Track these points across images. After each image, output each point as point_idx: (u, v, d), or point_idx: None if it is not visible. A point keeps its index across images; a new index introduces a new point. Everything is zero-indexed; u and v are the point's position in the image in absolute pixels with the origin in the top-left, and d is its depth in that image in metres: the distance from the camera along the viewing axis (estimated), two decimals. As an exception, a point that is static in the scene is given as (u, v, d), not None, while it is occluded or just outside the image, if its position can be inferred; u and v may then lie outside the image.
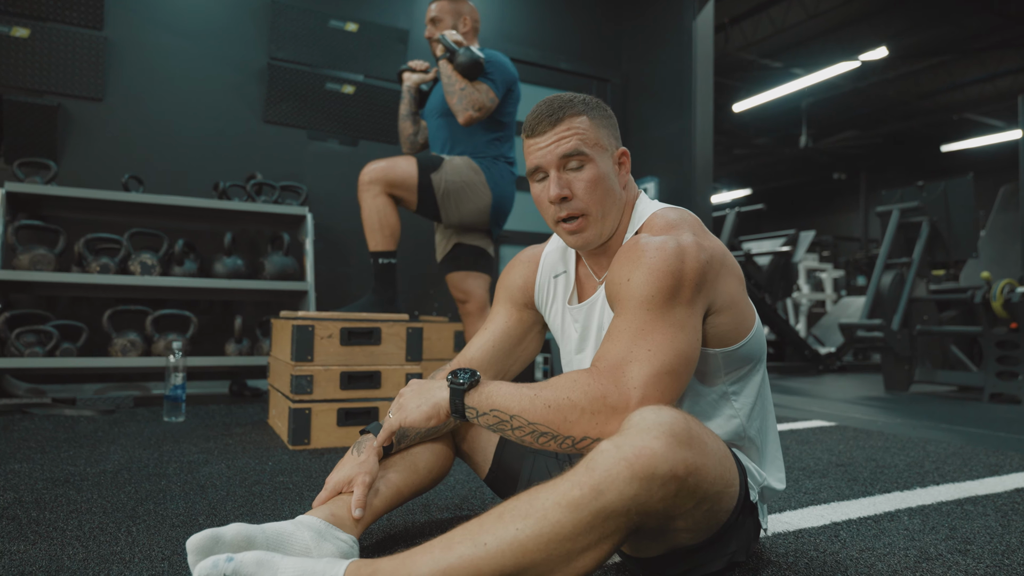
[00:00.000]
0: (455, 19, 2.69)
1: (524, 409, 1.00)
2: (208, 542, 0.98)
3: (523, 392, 1.01)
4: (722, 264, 1.09)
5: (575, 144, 1.11)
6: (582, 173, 1.13)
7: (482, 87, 2.53)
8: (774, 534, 1.40)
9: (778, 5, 9.40)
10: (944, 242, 4.51)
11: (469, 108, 2.50)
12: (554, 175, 1.13)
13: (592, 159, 1.13)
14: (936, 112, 13.28)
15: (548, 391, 1.00)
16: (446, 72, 2.54)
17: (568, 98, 1.15)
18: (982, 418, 3.29)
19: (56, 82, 3.32)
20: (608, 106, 1.20)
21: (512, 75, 2.65)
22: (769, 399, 1.23)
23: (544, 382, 1.03)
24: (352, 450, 1.20)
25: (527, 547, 0.86)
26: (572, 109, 1.13)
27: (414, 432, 1.26)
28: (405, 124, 2.90)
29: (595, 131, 1.14)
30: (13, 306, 3.13)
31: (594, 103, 1.17)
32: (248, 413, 2.85)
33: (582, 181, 1.12)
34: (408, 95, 2.87)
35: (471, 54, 2.48)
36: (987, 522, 1.50)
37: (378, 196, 2.51)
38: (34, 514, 1.39)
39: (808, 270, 10.05)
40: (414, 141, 2.91)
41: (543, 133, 1.13)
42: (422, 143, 2.93)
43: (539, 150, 1.14)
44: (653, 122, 4.84)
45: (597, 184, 1.13)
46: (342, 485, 1.15)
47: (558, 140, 1.12)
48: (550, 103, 1.14)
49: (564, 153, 1.12)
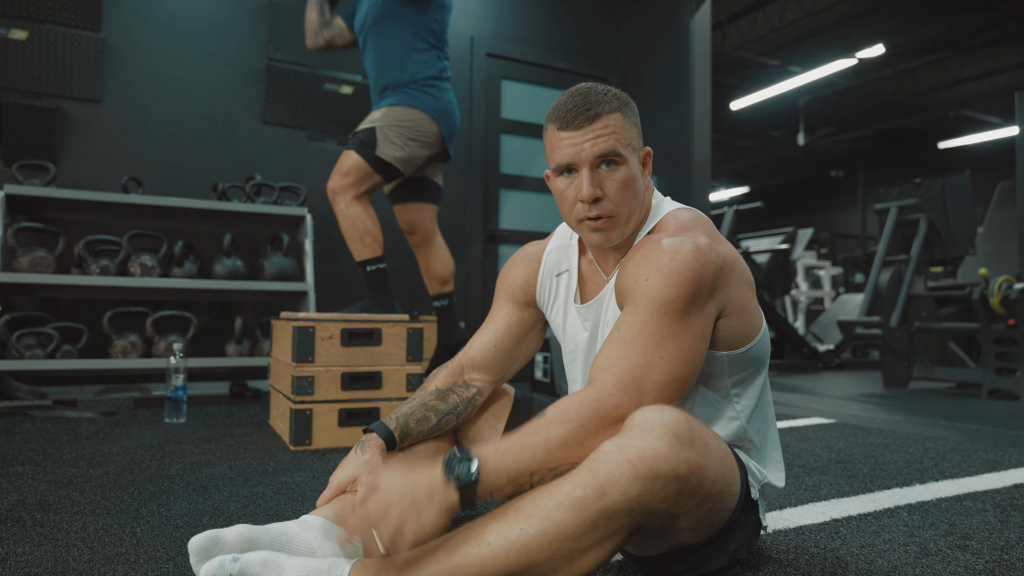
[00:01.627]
0: None
1: (542, 460, 0.92)
2: (210, 543, 0.98)
3: (530, 442, 0.93)
4: (733, 268, 1.09)
5: (612, 144, 1.07)
6: (615, 174, 1.09)
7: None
8: (775, 531, 1.40)
9: (775, 3, 9.42)
10: (942, 239, 4.52)
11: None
12: (587, 173, 1.08)
13: (626, 160, 1.09)
14: (933, 109, 13.31)
15: (556, 428, 0.94)
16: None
17: (603, 91, 1.10)
18: (980, 414, 3.30)
19: (55, 84, 3.32)
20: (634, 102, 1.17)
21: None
22: (770, 399, 1.24)
23: (546, 418, 0.95)
24: (356, 449, 1.21)
25: (531, 547, 0.87)
26: (609, 105, 1.09)
27: (417, 431, 1.27)
28: (312, 13, 2.77)
29: (628, 130, 1.10)
30: (13, 308, 3.13)
31: (626, 99, 1.13)
32: (249, 414, 2.85)
33: (615, 182, 1.09)
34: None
35: None
36: (986, 518, 1.51)
37: (350, 205, 2.48)
38: (38, 516, 1.39)
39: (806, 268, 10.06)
40: (318, 33, 2.78)
41: (579, 128, 1.08)
42: (325, 41, 2.79)
43: (573, 146, 1.08)
44: (651, 120, 4.84)
45: (628, 186, 1.09)
46: (346, 484, 1.15)
47: (595, 138, 1.07)
48: (585, 96, 1.09)
49: (601, 152, 1.07)
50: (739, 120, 13.77)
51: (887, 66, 11.13)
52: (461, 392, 1.31)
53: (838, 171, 17.58)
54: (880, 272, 4.55)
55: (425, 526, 0.88)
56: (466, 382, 1.33)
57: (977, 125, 13.84)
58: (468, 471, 0.90)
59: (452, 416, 1.30)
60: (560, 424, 0.94)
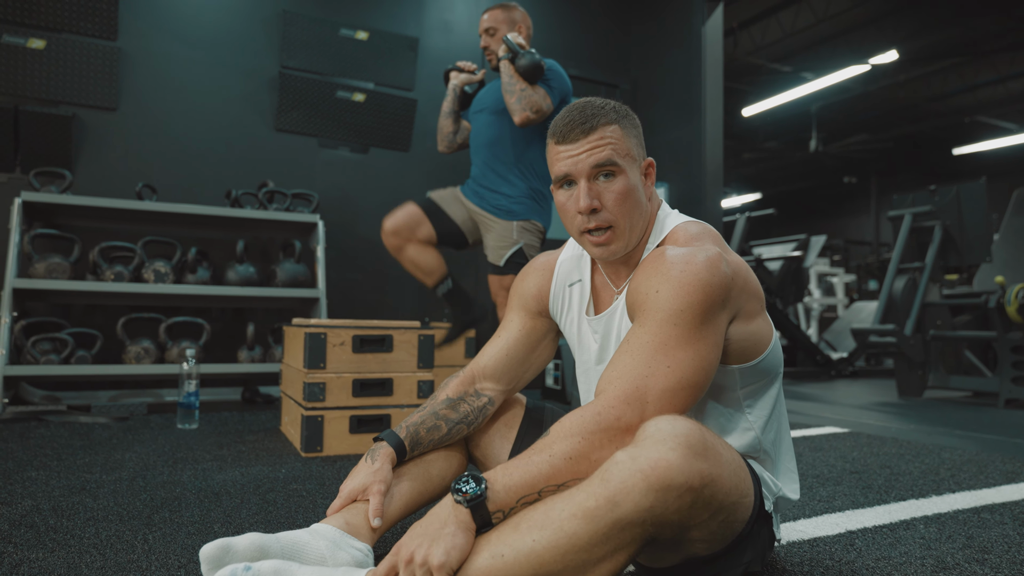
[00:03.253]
0: (510, 27, 2.76)
1: (548, 476, 0.93)
2: (221, 552, 0.99)
3: (536, 460, 0.95)
4: (745, 280, 1.08)
5: (608, 154, 1.08)
6: (613, 184, 1.09)
7: (540, 91, 2.60)
8: (789, 543, 1.39)
9: (787, 9, 9.39)
10: (957, 246, 4.48)
11: (527, 109, 2.56)
12: (584, 185, 1.09)
13: (623, 170, 1.10)
14: (947, 115, 13.21)
15: (560, 444, 0.95)
16: (507, 72, 2.60)
17: (600, 105, 1.11)
18: (997, 424, 3.26)
19: (71, 92, 3.36)
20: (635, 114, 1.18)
21: (568, 86, 2.72)
22: (783, 410, 1.23)
23: (550, 436, 0.97)
24: (366, 458, 1.21)
25: (543, 558, 0.86)
26: (605, 117, 1.10)
27: (427, 440, 1.27)
28: (446, 122, 2.95)
29: (626, 141, 1.11)
30: (29, 314, 3.16)
31: (624, 111, 1.14)
32: (261, 420, 2.86)
33: (612, 192, 1.09)
34: (453, 94, 2.91)
35: (534, 57, 2.56)
36: (1004, 530, 1.49)
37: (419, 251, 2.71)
38: (52, 522, 1.40)
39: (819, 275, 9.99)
40: (452, 140, 2.97)
41: (575, 140, 1.09)
42: (460, 143, 2.99)
43: (570, 157, 1.10)
44: (663, 127, 4.84)
45: (627, 196, 1.10)
46: (356, 493, 1.15)
47: (591, 149, 1.08)
48: (582, 109, 1.11)
49: (597, 163, 1.08)
50: (751, 126, 13.72)
51: (900, 72, 11.06)
52: (472, 401, 1.31)
53: (851, 177, 17.46)
54: (894, 279, 4.51)
55: (448, 549, 0.88)
56: (477, 391, 1.33)
57: (992, 131, 13.71)
58: (474, 488, 0.92)
59: (463, 426, 1.30)
60: (564, 439, 0.95)
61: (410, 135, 4.18)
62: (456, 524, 0.91)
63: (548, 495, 0.93)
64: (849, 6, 9.07)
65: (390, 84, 4.13)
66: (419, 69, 4.22)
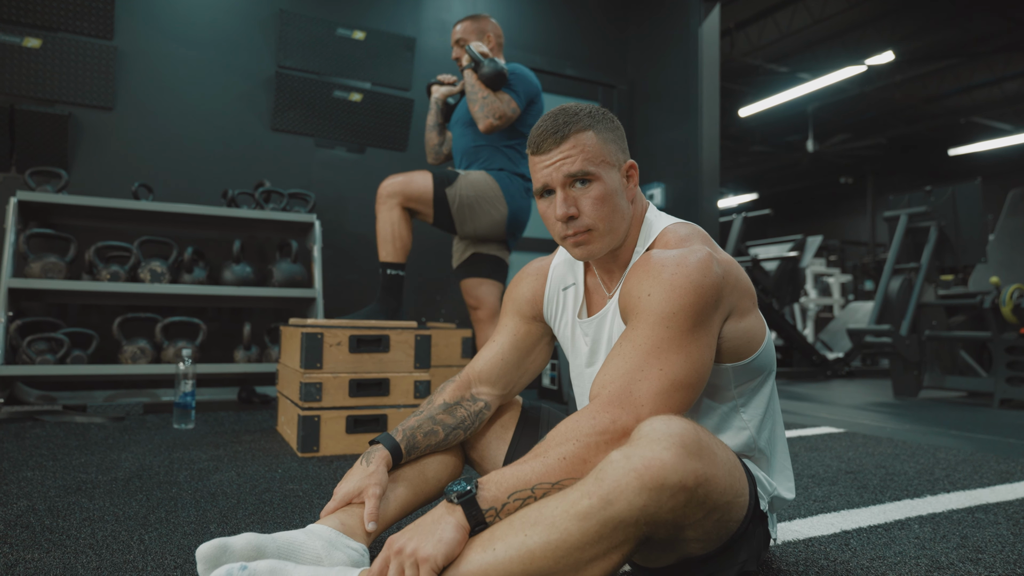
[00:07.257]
0: (479, 37, 2.79)
1: (542, 474, 0.95)
2: (218, 551, 0.99)
3: (531, 463, 0.96)
4: (736, 279, 1.09)
5: (580, 165, 1.09)
6: (589, 191, 1.10)
7: (504, 97, 2.62)
8: (784, 543, 1.39)
9: (784, 10, 9.41)
10: (952, 247, 4.49)
11: (490, 116, 2.58)
12: (560, 193, 1.11)
13: (599, 176, 1.10)
14: (943, 116, 13.24)
15: (555, 449, 0.96)
16: (470, 81, 2.63)
17: (573, 112, 1.12)
18: (992, 424, 3.27)
19: (67, 92, 3.35)
20: (615, 116, 1.18)
21: (535, 88, 2.73)
22: (778, 408, 1.23)
23: (544, 442, 0.98)
24: (361, 460, 1.21)
25: (535, 555, 0.87)
26: (577, 125, 1.10)
27: (424, 445, 1.27)
28: (431, 135, 2.99)
29: (601, 146, 1.11)
30: (25, 314, 3.16)
31: (600, 115, 1.14)
32: (257, 420, 2.86)
33: (589, 199, 1.10)
34: (435, 107, 2.95)
35: (495, 65, 2.58)
36: (999, 530, 1.50)
37: (394, 209, 2.58)
38: (47, 522, 1.40)
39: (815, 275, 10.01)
40: (439, 151, 3.01)
41: (548, 151, 1.11)
42: (447, 154, 3.02)
43: (544, 168, 1.11)
44: (659, 128, 4.84)
45: (604, 201, 1.11)
46: (351, 496, 1.15)
47: (563, 159, 1.10)
48: (555, 118, 1.12)
49: (569, 173, 1.09)
50: (748, 127, 13.74)
51: (897, 73, 11.09)
52: (469, 406, 1.32)
53: (847, 178, 17.51)
54: (890, 280, 4.52)
55: (437, 542, 0.90)
56: (473, 396, 1.33)
57: (988, 132, 13.76)
58: (465, 486, 0.94)
59: (459, 431, 1.31)
60: (558, 445, 0.96)
61: (407, 135, 4.18)
62: (448, 521, 0.92)
63: (543, 494, 0.94)
64: (845, 7, 9.10)
65: (387, 84, 4.13)
66: (416, 69, 4.22)
